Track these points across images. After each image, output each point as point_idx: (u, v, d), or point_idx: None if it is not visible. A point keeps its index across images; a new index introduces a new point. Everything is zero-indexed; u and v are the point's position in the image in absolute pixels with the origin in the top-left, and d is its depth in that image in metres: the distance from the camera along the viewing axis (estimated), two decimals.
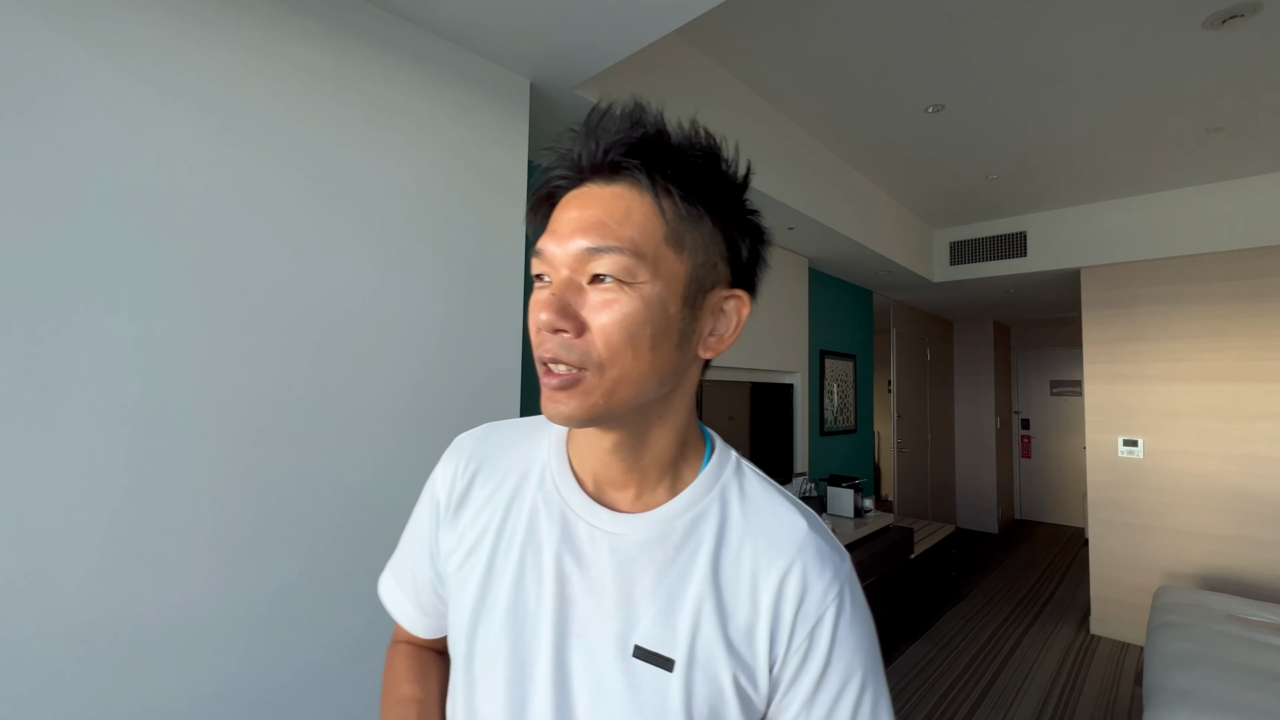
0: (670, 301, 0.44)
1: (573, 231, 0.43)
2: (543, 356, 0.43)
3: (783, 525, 0.49)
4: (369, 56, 1.30)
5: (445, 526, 0.54)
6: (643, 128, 0.44)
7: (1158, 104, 2.38)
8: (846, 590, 0.48)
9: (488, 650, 0.48)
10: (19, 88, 0.90)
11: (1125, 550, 3.48)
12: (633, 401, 0.45)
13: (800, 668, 0.46)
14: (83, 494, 0.93)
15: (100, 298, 0.96)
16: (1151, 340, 3.47)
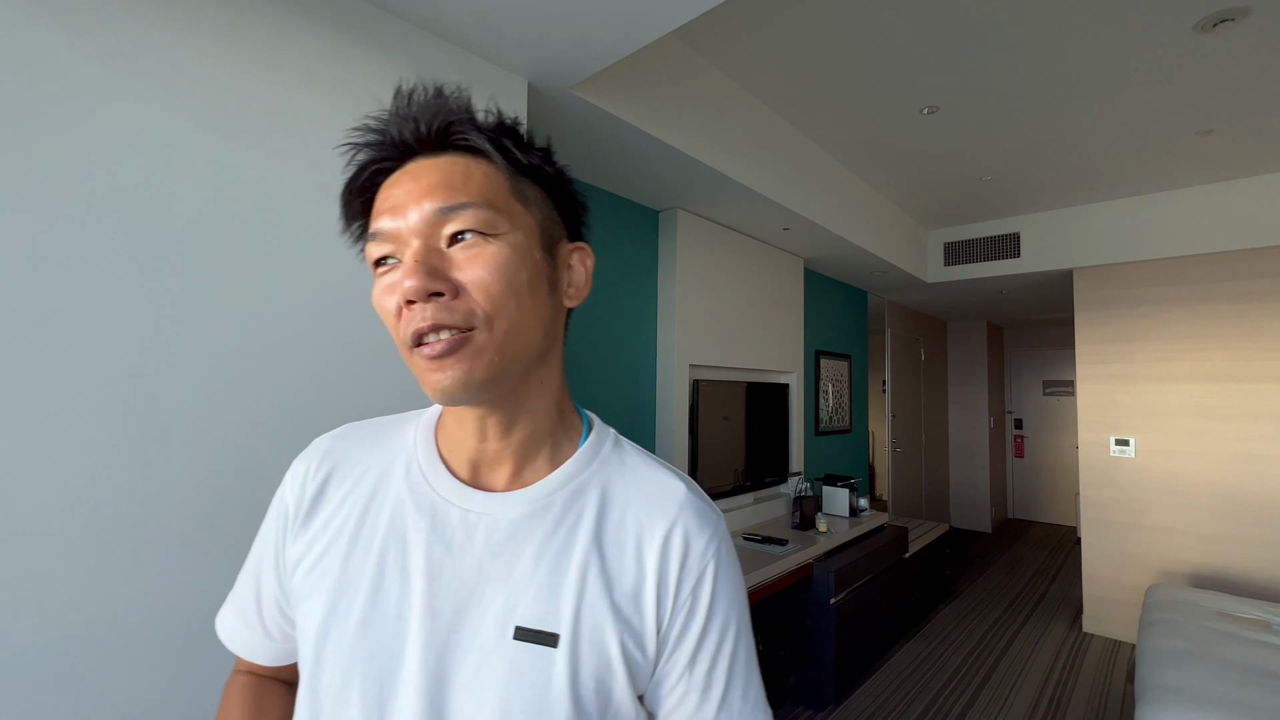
0: (534, 249, 0.45)
1: (417, 199, 0.42)
2: (420, 329, 0.41)
3: (663, 489, 0.50)
4: (367, 56, 1.30)
5: (294, 535, 0.50)
6: (454, 100, 0.46)
7: (1149, 106, 2.41)
8: (723, 546, 0.49)
9: (338, 664, 0.44)
10: (17, 87, 0.90)
11: (1117, 549, 3.51)
12: (524, 355, 0.45)
13: (686, 624, 0.47)
14: (79, 494, 0.93)
15: (97, 297, 0.95)
16: (1143, 340, 3.51)
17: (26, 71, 0.91)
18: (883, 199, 3.51)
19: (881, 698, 2.72)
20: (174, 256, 1.03)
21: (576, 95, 1.67)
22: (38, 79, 0.92)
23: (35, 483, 0.89)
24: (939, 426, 5.97)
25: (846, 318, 4.32)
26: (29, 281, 0.90)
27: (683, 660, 0.46)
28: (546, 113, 1.77)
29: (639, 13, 1.33)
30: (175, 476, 1.02)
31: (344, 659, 0.44)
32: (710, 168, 2.13)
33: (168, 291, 1.03)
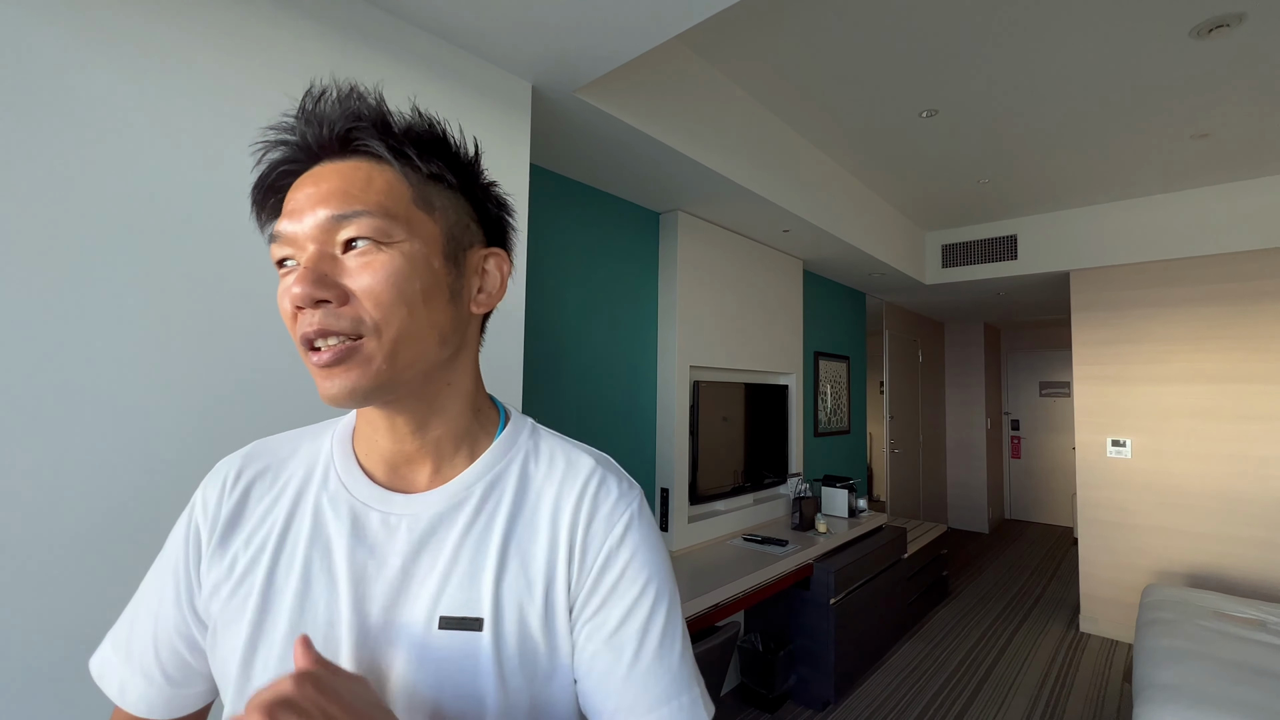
0: (433, 257, 0.45)
1: (313, 205, 0.42)
2: (307, 334, 0.41)
3: (575, 467, 0.51)
4: (373, 59, 1.31)
5: (209, 560, 0.48)
6: (363, 106, 0.45)
7: (1145, 111, 2.43)
8: (636, 514, 0.50)
9: (269, 679, 0.43)
10: (26, 90, 0.90)
11: (1114, 549, 3.53)
12: (417, 363, 0.45)
13: (594, 586, 0.47)
14: (87, 495, 0.93)
15: (105, 300, 0.96)
16: (1139, 342, 3.53)
17: (35, 75, 0.92)
18: (881, 201, 3.53)
19: (880, 697, 2.73)
20: (181, 259, 1.04)
21: (580, 98, 1.68)
22: (47, 82, 0.92)
23: (41, 484, 0.90)
24: (937, 427, 6.00)
25: (845, 319, 4.34)
26: (38, 283, 0.90)
27: (594, 623, 0.47)
28: (550, 115, 1.79)
29: (643, 18, 1.34)
30: (182, 477, 1.02)
31: (272, 673, 0.43)
32: (711, 170, 2.15)
33: (174, 294, 1.03)
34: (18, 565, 0.87)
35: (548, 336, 2.12)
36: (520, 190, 1.59)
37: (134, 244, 0.99)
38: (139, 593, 0.51)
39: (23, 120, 0.90)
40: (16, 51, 0.90)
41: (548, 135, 1.92)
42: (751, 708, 2.64)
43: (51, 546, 0.90)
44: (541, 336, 2.09)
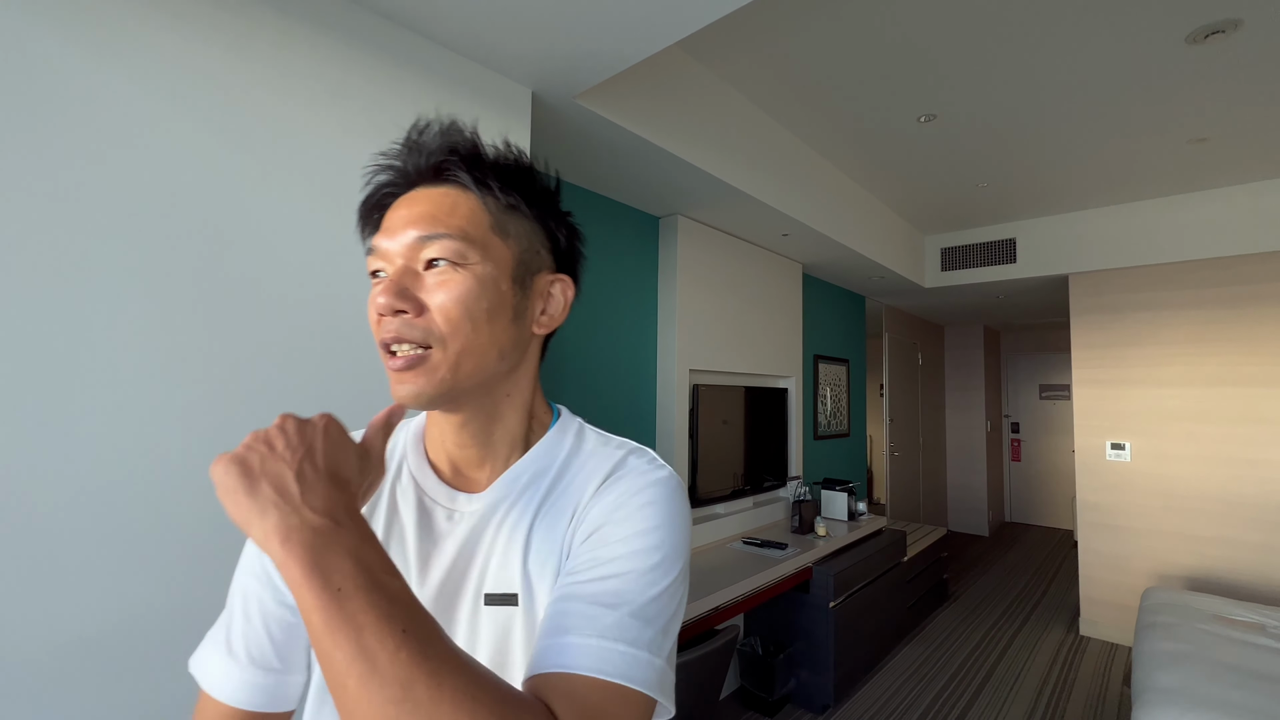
0: (501, 280, 0.49)
1: (404, 225, 0.48)
2: (385, 339, 0.47)
3: (607, 454, 0.54)
4: (374, 66, 1.32)
5: None
6: (458, 138, 0.51)
7: (1142, 115, 2.44)
8: (658, 480, 0.50)
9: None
10: (32, 94, 0.91)
11: (1113, 552, 3.53)
12: (477, 374, 0.49)
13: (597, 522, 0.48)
14: (88, 497, 0.94)
15: (107, 303, 0.97)
16: (1138, 345, 3.54)
17: (42, 79, 0.92)
18: (880, 205, 3.54)
19: (880, 701, 2.73)
20: (182, 261, 1.05)
21: (580, 104, 1.69)
22: (53, 87, 0.93)
23: (43, 485, 0.90)
24: (936, 430, 6.00)
25: (845, 322, 4.34)
26: (41, 285, 0.91)
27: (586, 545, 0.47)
28: (550, 121, 1.80)
29: (643, 24, 1.36)
30: (183, 480, 1.03)
31: None
32: (710, 175, 2.16)
33: (175, 296, 1.04)
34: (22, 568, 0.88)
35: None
36: None
37: (138, 249, 1.00)
38: (233, 588, 0.54)
39: (30, 124, 0.91)
40: (26, 57, 0.91)
41: (548, 140, 1.93)
42: (751, 711, 2.64)
43: (53, 548, 0.90)
44: None
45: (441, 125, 0.51)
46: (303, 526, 0.37)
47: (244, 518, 0.38)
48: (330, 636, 0.34)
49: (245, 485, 0.38)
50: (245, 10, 1.14)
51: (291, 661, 0.50)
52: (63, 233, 0.93)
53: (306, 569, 0.35)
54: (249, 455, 0.39)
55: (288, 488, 0.38)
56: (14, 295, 0.89)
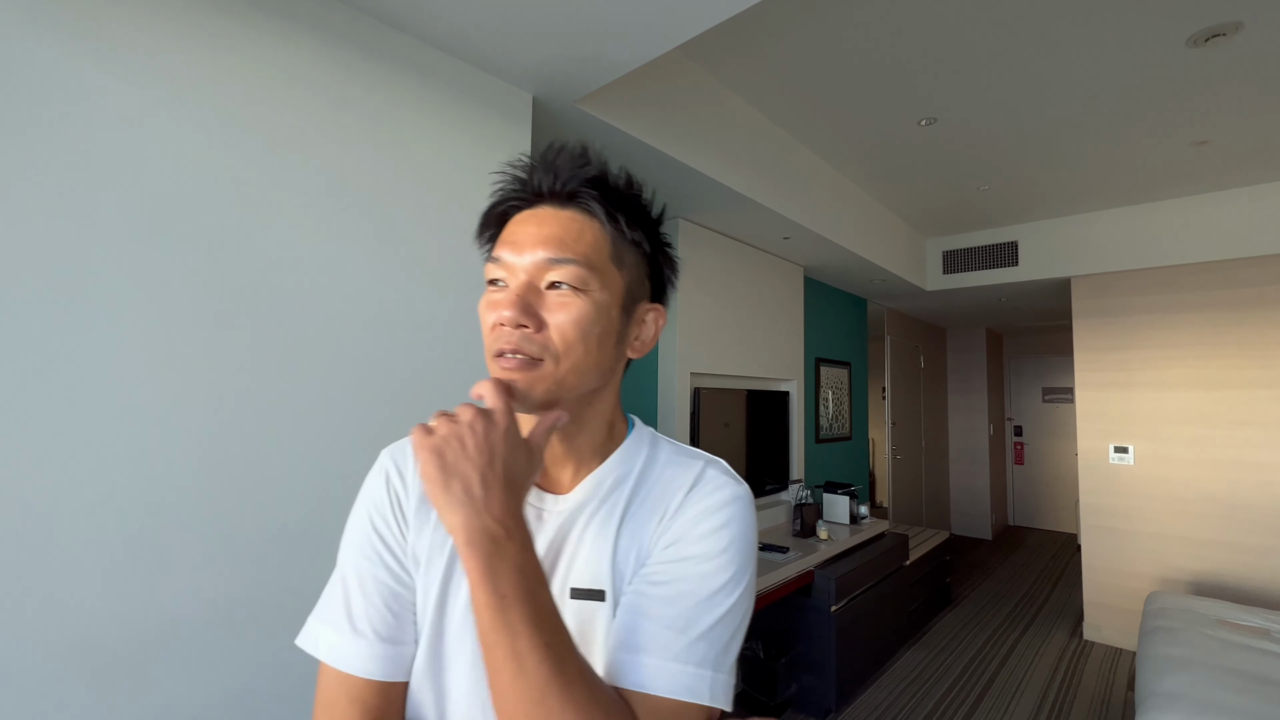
0: (612, 308, 0.53)
1: (534, 244, 0.50)
2: (503, 348, 0.49)
3: (688, 462, 0.58)
4: (377, 72, 1.33)
5: (412, 522, 0.56)
6: (592, 167, 0.53)
7: (1144, 118, 2.44)
8: (734, 496, 0.54)
9: (453, 632, 0.52)
10: (37, 99, 0.92)
11: (1117, 556, 3.52)
12: (577, 389, 0.53)
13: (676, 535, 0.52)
14: (91, 501, 0.94)
15: (110, 305, 0.98)
16: (1141, 348, 3.53)
17: (48, 85, 0.93)
18: (882, 208, 3.54)
19: (883, 705, 2.72)
20: (187, 265, 1.06)
21: (581, 109, 1.70)
22: (59, 92, 0.94)
23: (45, 489, 0.91)
24: (939, 433, 5.99)
25: (846, 325, 4.34)
26: (43, 288, 0.92)
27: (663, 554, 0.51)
28: (551, 126, 1.80)
29: (643, 29, 1.36)
30: (185, 483, 1.03)
31: (459, 628, 0.52)
32: (711, 179, 2.16)
33: (179, 300, 1.05)
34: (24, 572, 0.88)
35: None
36: None
37: (142, 252, 1.01)
38: (344, 570, 0.55)
39: (34, 128, 0.92)
40: (31, 63, 0.92)
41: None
42: (753, 715, 2.63)
43: (55, 552, 0.91)
44: None
45: (574, 150, 0.53)
46: (483, 531, 0.44)
47: (435, 503, 0.44)
48: (494, 634, 0.42)
49: (441, 478, 0.44)
50: (248, 17, 1.15)
51: (407, 633, 0.54)
52: (67, 235, 0.94)
53: (481, 572, 0.43)
54: (445, 449, 0.44)
55: (474, 491, 0.44)
56: (19, 299, 0.89)
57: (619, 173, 0.55)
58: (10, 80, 0.90)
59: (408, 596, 0.54)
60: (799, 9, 1.77)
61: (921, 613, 3.63)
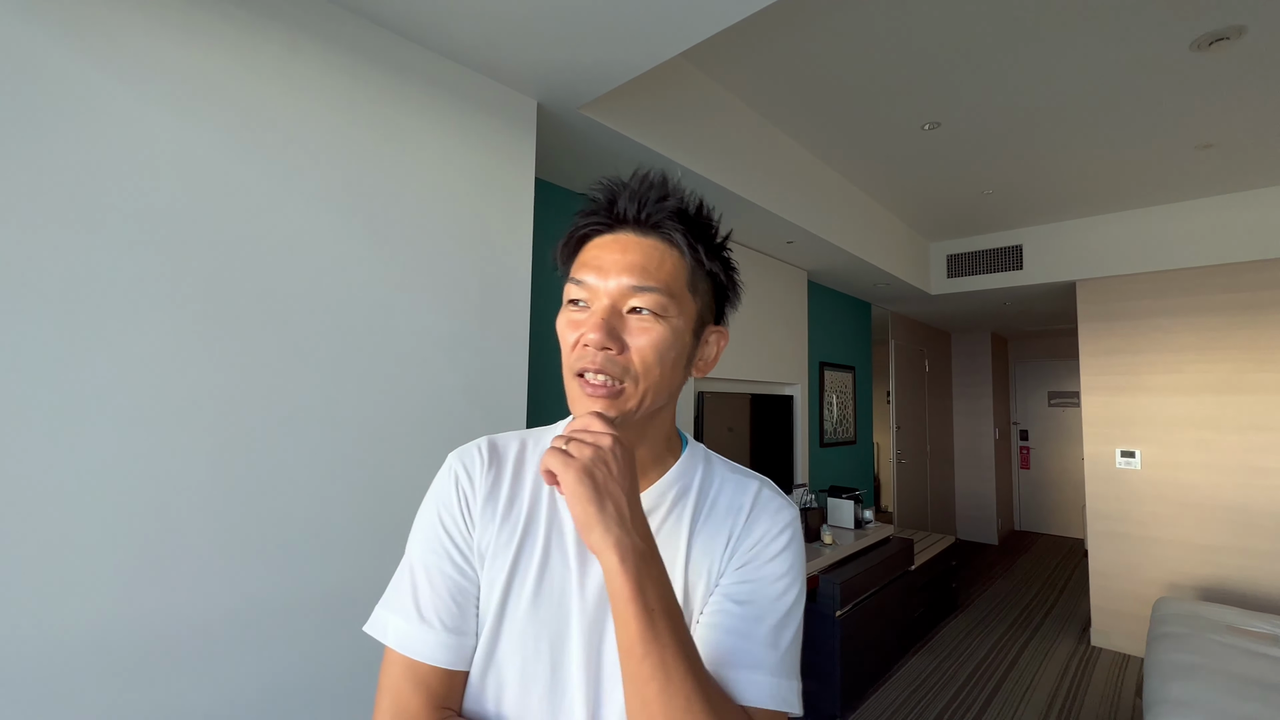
0: (686, 333, 0.56)
1: (618, 270, 0.53)
2: (587, 368, 0.52)
3: (744, 485, 0.62)
4: (382, 80, 1.35)
5: (479, 519, 0.58)
6: (675, 198, 0.56)
7: (1148, 122, 2.44)
8: (791, 521, 0.60)
9: (515, 629, 0.54)
10: (49, 110, 0.94)
11: (1125, 561, 3.49)
12: (651, 407, 0.56)
13: (744, 559, 0.56)
14: (99, 503, 0.95)
15: (119, 311, 0.99)
16: (1147, 352, 3.51)
17: (60, 96, 0.95)
18: (885, 212, 3.54)
19: (888, 712, 2.70)
20: (194, 271, 1.07)
21: (584, 115, 1.71)
22: (71, 103, 0.96)
23: (53, 492, 0.92)
24: (944, 438, 5.96)
25: (850, 329, 4.34)
26: (53, 294, 0.93)
27: (735, 576, 0.56)
28: (555, 131, 1.82)
29: (646, 36, 1.37)
30: (192, 485, 1.05)
31: (520, 623, 0.55)
32: (714, 183, 2.17)
33: (187, 305, 1.06)
34: (33, 573, 0.89)
35: (552, 347, 2.14)
36: (525, 204, 1.62)
37: (151, 259, 1.02)
38: (412, 562, 0.57)
39: (45, 138, 0.93)
40: (44, 73, 0.93)
41: (553, 150, 1.95)
42: None
43: (64, 554, 0.92)
44: (546, 347, 2.11)
45: (657, 179, 0.56)
46: (633, 549, 0.46)
47: (587, 522, 0.46)
48: (642, 646, 0.44)
49: (595, 499, 0.46)
50: (255, 26, 1.16)
51: (469, 625, 0.56)
52: (77, 242, 0.95)
53: (632, 588, 0.45)
54: (595, 470, 0.47)
55: (624, 511, 0.47)
56: (30, 304, 0.91)
57: (692, 200, 0.58)
58: (27, 90, 0.92)
59: (471, 590, 0.56)
60: (801, 14, 1.79)
61: (927, 618, 3.61)
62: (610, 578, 0.46)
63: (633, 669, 0.45)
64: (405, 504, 1.31)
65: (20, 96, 0.91)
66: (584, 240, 0.57)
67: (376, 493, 1.28)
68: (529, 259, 1.61)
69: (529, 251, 1.62)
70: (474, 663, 0.55)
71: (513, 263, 1.58)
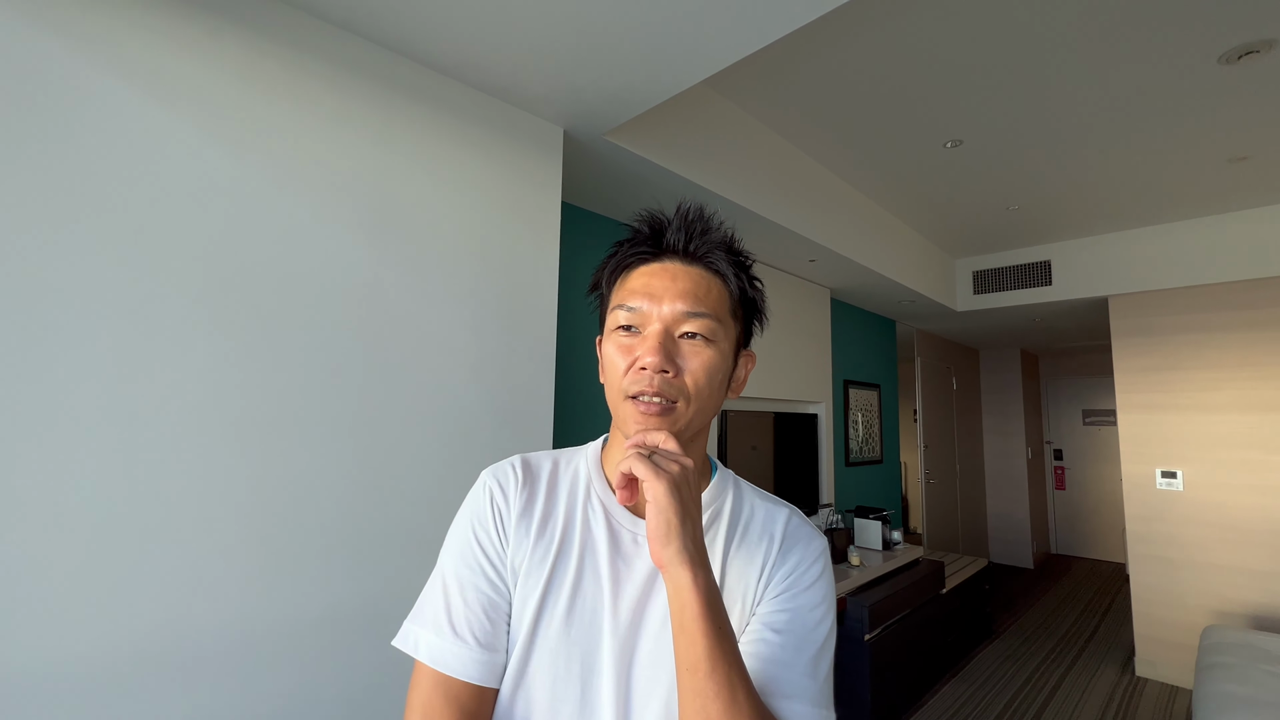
0: (729, 356, 0.59)
1: (672, 296, 0.56)
2: (645, 390, 0.54)
3: (775, 513, 0.63)
4: (416, 111, 1.41)
5: (513, 536, 0.58)
6: (720, 231, 0.60)
7: (1177, 136, 2.40)
8: (823, 551, 0.61)
9: (547, 647, 0.55)
10: (74, 122, 1.01)
11: (1169, 587, 3.35)
12: (695, 427, 0.58)
13: (780, 588, 0.57)
14: (147, 515, 1.00)
15: (170, 332, 1.05)
16: (1186, 369, 3.41)
17: (87, 110, 1.02)
18: (908, 229, 3.53)
19: None
20: (236, 297, 1.12)
21: (609, 141, 1.76)
22: (110, 124, 1.03)
23: (105, 507, 0.97)
24: (974, 457, 5.82)
25: (875, 347, 4.30)
26: (106, 312, 0.99)
27: (771, 605, 0.57)
28: (581, 157, 1.87)
29: (670, 65, 1.42)
30: (231, 501, 1.09)
31: (553, 642, 0.55)
32: (735, 203, 2.20)
33: (230, 328, 1.11)
34: (83, 585, 0.94)
35: (578, 367, 2.18)
36: (552, 228, 1.67)
37: (196, 285, 1.08)
38: (445, 576, 0.58)
39: (72, 152, 1.00)
40: (71, 89, 1.01)
41: (578, 175, 2.00)
42: None
43: (114, 566, 0.96)
44: (572, 367, 2.14)
45: (701, 212, 0.59)
46: (705, 568, 0.48)
47: (668, 534, 0.48)
48: (709, 663, 0.45)
49: (681, 513, 0.48)
50: (299, 63, 1.24)
51: (501, 642, 0.56)
52: (131, 267, 1.02)
53: (702, 604, 0.47)
54: (681, 488, 0.49)
55: (699, 538, 0.50)
56: (83, 320, 0.97)
57: (727, 231, 0.61)
58: (77, 117, 0.99)
59: (503, 607, 0.57)
60: (819, 38, 1.82)
61: (960, 644, 3.50)
62: (679, 592, 0.47)
63: (699, 685, 0.45)
64: (430, 522, 1.34)
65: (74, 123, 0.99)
66: (628, 268, 0.60)
67: (404, 510, 1.31)
68: (555, 280, 1.65)
69: (555, 273, 1.66)
70: (504, 681, 0.55)
71: (539, 285, 1.62)
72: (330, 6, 1.23)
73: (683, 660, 0.47)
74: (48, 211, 0.95)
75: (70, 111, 0.97)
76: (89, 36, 1.00)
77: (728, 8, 1.22)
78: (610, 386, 0.57)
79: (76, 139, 0.98)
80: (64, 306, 0.95)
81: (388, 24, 1.28)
